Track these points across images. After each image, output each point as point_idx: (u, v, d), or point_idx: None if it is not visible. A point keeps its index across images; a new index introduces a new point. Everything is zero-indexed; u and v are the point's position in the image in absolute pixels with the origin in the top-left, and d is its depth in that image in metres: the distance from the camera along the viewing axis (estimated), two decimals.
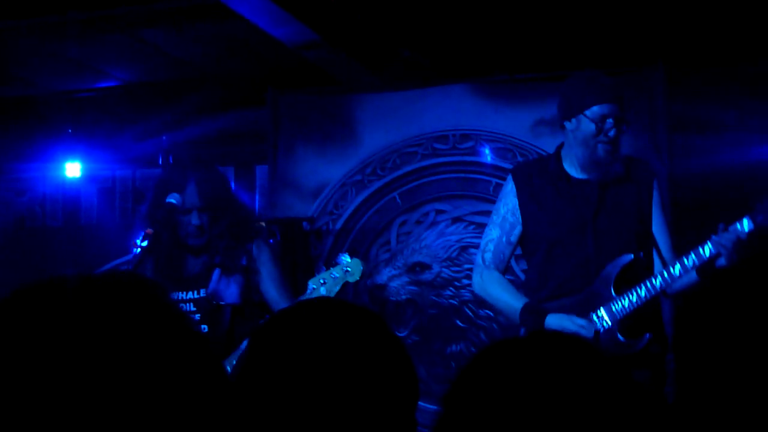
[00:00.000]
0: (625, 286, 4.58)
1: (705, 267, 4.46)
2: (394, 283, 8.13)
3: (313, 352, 2.08)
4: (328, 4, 7.40)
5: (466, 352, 7.94)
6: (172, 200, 5.43)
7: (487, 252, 4.94)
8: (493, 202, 8.03)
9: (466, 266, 8.00)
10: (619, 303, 4.55)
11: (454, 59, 8.44)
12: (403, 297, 8.10)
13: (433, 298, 8.07)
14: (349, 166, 8.42)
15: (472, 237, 8.05)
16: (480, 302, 7.88)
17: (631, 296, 4.54)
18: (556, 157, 4.86)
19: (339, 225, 8.38)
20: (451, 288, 8.05)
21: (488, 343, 7.82)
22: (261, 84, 8.83)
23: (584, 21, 7.68)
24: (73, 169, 9.74)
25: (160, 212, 5.37)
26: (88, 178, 9.89)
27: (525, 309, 4.68)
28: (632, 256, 4.60)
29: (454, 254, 8.07)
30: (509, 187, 4.92)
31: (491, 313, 7.92)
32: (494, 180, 8.05)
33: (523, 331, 4.78)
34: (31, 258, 9.81)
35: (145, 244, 5.29)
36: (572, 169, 4.79)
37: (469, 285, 7.90)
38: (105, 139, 9.63)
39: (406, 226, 8.28)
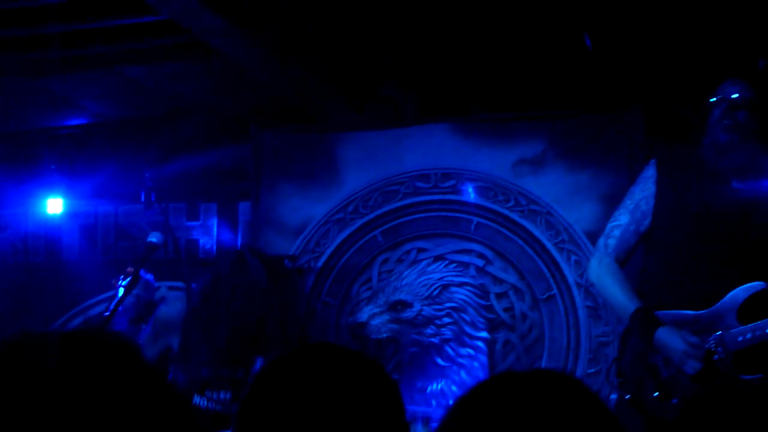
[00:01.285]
0: (752, 315, 4.17)
1: None
2: (375, 321, 8.11)
3: (311, 398, 2.09)
4: (313, 43, 7.43)
5: (447, 391, 7.92)
6: (153, 239, 5.44)
7: (611, 238, 4.60)
8: (475, 240, 8.16)
9: (447, 305, 8.01)
10: (740, 334, 4.15)
11: (436, 98, 8.48)
12: (384, 335, 8.08)
13: (414, 336, 8.05)
14: (331, 204, 8.43)
15: (453, 275, 8.06)
16: (460, 341, 7.88)
17: (755, 330, 4.14)
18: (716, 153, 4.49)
19: (320, 263, 8.38)
20: (432, 326, 8.04)
21: (475, 381, 7.84)
22: (244, 120, 8.84)
23: (565, 62, 7.72)
24: (55, 205, 9.71)
25: (141, 251, 5.36)
26: (70, 214, 9.85)
27: (637, 313, 4.34)
28: (765, 284, 4.18)
29: (435, 292, 8.06)
30: (650, 173, 4.57)
31: (472, 352, 7.92)
32: (475, 219, 8.08)
33: (621, 333, 4.46)
34: (12, 294, 9.77)
35: (125, 283, 5.29)
36: (729, 173, 4.42)
37: (450, 323, 7.94)
38: (87, 175, 9.61)
39: (388, 264, 8.28)
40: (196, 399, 5.12)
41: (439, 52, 7.78)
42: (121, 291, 6.15)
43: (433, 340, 8.04)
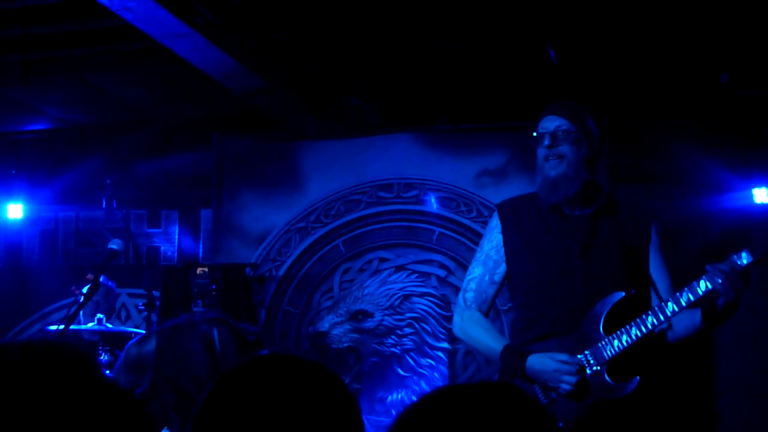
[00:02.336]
0: (616, 325, 4.22)
1: (709, 309, 4.18)
2: (336, 331, 8.11)
3: (267, 410, 2.07)
4: (276, 51, 7.42)
5: (408, 401, 7.91)
6: (114, 246, 5.41)
7: (468, 291, 4.61)
8: (437, 251, 8.17)
9: (409, 315, 8.02)
10: (609, 344, 4.23)
11: (400, 108, 8.49)
12: (345, 345, 8.08)
13: (375, 346, 8.06)
14: (293, 213, 8.42)
15: (414, 285, 8.07)
16: (421, 351, 7.89)
17: (620, 336, 4.22)
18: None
19: (282, 272, 8.37)
20: (393, 336, 8.04)
21: (426, 391, 7.85)
22: (206, 127, 8.82)
23: (529, 74, 7.75)
24: (15, 211, 9.64)
25: (101, 258, 5.32)
26: (31, 219, 9.79)
27: (505, 351, 4.36)
28: (623, 293, 4.25)
29: (397, 302, 8.07)
30: (494, 223, 4.60)
31: (433, 362, 7.93)
32: (438, 229, 8.10)
33: (497, 376, 4.55)
34: None
35: (85, 290, 5.26)
36: (563, 205, 4.43)
37: (411, 333, 7.94)
38: (48, 181, 9.55)
39: (349, 273, 8.28)
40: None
41: (404, 63, 7.79)
42: (81, 298, 6.12)
43: (394, 350, 8.04)
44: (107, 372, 5.46)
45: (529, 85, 7.92)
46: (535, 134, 4.40)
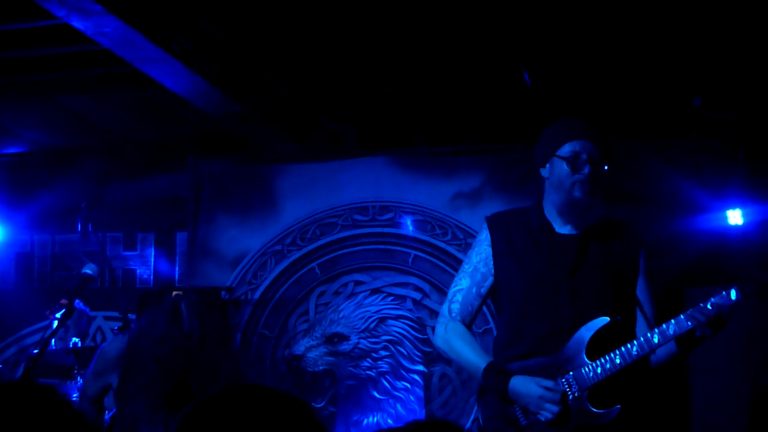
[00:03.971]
0: (599, 351, 4.23)
1: (688, 339, 4.19)
2: (312, 354, 8.09)
3: None
4: (252, 75, 7.44)
5: (383, 423, 7.91)
6: (88, 271, 5.40)
7: (454, 302, 4.56)
8: (412, 274, 8.18)
9: (384, 337, 8.02)
10: (591, 369, 4.22)
11: (375, 131, 8.51)
12: (321, 368, 8.07)
13: (351, 369, 8.05)
14: (269, 236, 8.42)
15: (390, 308, 8.07)
16: (397, 374, 7.90)
17: (604, 363, 4.21)
18: (538, 208, 4.51)
19: (257, 295, 8.36)
20: (368, 359, 8.03)
21: (411, 414, 7.85)
22: (182, 150, 8.81)
23: (504, 97, 7.78)
24: None
25: (75, 282, 5.32)
26: (6, 242, 9.75)
27: (488, 368, 4.34)
28: (608, 319, 4.24)
29: (372, 325, 8.07)
30: (483, 235, 4.56)
31: (408, 385, 7.93)
32: (413, 252, 8.12)
33: (477, 393, 4.52)
34: None
35: (59, 315, 5.25)
36: (554, 223, 4.45)
37: (387, 356, 7.94)
38: (24, 204, 9.52)
39: (325, 296, 8.28)
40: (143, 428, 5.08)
41: (379, 86, 7.81)
42: (55, 323, 6.10)
43: (369, 373, 8.03)
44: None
45: (504, 108, 7.96)
46: (564, 154, 4.37)
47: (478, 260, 4.57)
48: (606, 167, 4.36)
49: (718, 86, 7.62)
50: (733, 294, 4.12)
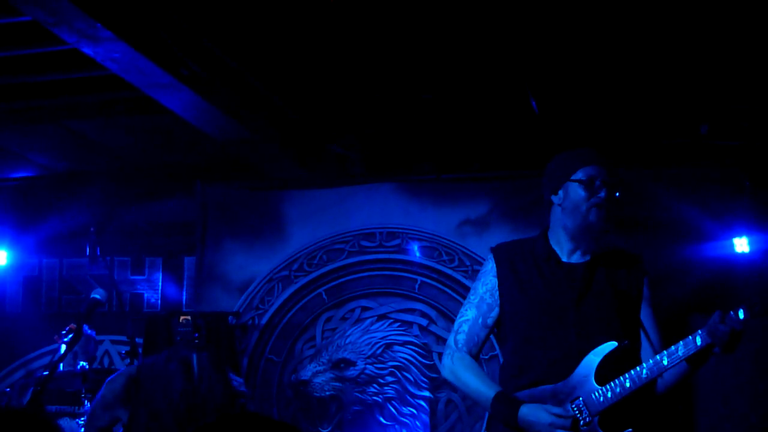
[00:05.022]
0: (608, 375, 4.22)
1: (698, 356, 4.16)
2: (319, 379, 8.09)
3: None
4: (259, 101, 7.46)
5: None
6: (97, 296, 5.41)
7: (460, 333, 4.55)
8: (418, 300, 8.17)
9: (391, 363, 8.02)
10: (601, 394, 4.20)
11: (382, 157, 8.52)
12: (327, 393, 8.06)
13: (357, 394, 8.04)
14: (276, 262, 8.43)
15: (397, 334, 8.07)
16: (403, 400, 7.89)
17: (614, 387, 4.20)
18: (543, 238, 4.49)
19: (264, 320, 8.36)
20: (375, 385, 8.03)
21: None
22: (190, 175, 8.83)
23: (510, 123, 7.79)
24: None
25: (84, 307, 5.33)
26: (14, 266, 9.76)
27: (497, 398, 4.32)
28: (616, 343, 4.24)
29: (379, 351, 8.07)
30: (489, 266, 4.54)
31: (414, 411, 7.92)
32: (420, 278, 8.12)
33: (486, 422, 4.52)
34: None
35: (68, 339, 5.27)
36: (561, 252, 4.44)
37: (393, 382, 7.93)
38: (32, 228, 9.53)
39: (332, 322, 8.28)
40: None
41: (387, 113, 7.83)
42: (63, 348, 6.11)
43: (376, 398, 8.02)
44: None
45: (511, 135, 7.97)
46: (579, 178, 4.38)
47: (484, 291, 4.56)
48: (618, 194, 4.35)
49: (724, 114, 7.62)
50: (741, 313, 4.11)
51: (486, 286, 4.55)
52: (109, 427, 5.28)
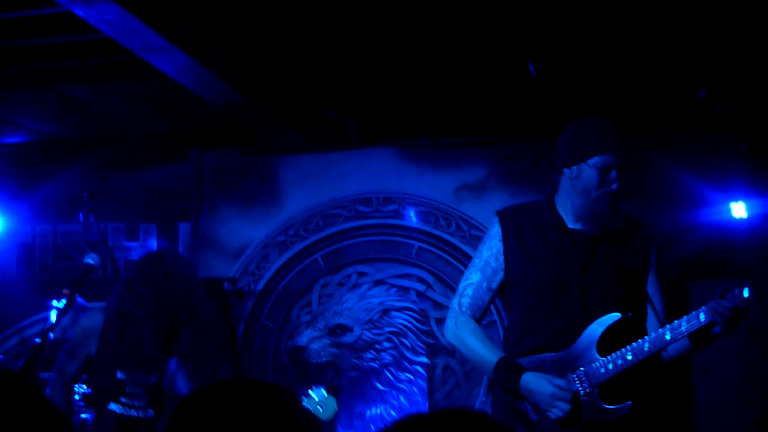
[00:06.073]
0: (611, 347, 4.24)
1: (701, 335, 4.21)
2: (315, 345, 8.08)
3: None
4: (255, 65, 7.41)
5: (386, 415, 7.91)
6: (90, 260, 5.37)
7: (464, 297, 4.58)
8: (416, 265, 8.15)
9: (387, 329, 8.01)
10: (603, 365, 4.23)
11: (379, 122, 8.48)
12: (324, 359, 8.05)
13: (354, 360, 8.04)
14: (271, 227, 8.40)
15: (393, 300, 8.06)
16: (400, 366, 7.88)
17: (616, 359, 4.22)
18: (550, 203, 4.53)
19: (260, 286, 8.34)
20: (371, 351, 8.02)
21: (414, 406, 7.84)
22: (185, 141, 8.78)
23: (508, 88, 7.75)
24: None
25: (77, 273, 5.29)
26: (8, 233, 9.70)
27: (500, 364, 4.36)
28: (620, 315, 4.27)
29: (376, 317, 8.05)
30: (495, 230, 4.57)
31: (411, 377, 7.92)
32: (417, 243, 8.10)
33: (484, 388, 4.53)
34: None
35: (62, 304, 5.22)
36: (567, 218, 4.47)
37: (390, 348, 7.93)
38: (25, 195, 9.48)
39: (328, 288, 8.26)
40: (112, 406, 5.05)
41: (383, 77, 7.78)
42: (55, 313, 6.07)
43: (372, 364, 8.02)
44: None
45: (509, 100, 7.93)
46: (595, 165, 4.34)
47: (489, 255, 4.58)
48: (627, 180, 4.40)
49: (723, 79, 7.59)
50: (746, 291, 4.14)
51: (491, 250, 4.56)
52: (79, 373, 5.24)
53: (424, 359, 7.95)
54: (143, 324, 5.10)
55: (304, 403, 4.68)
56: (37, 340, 5.03)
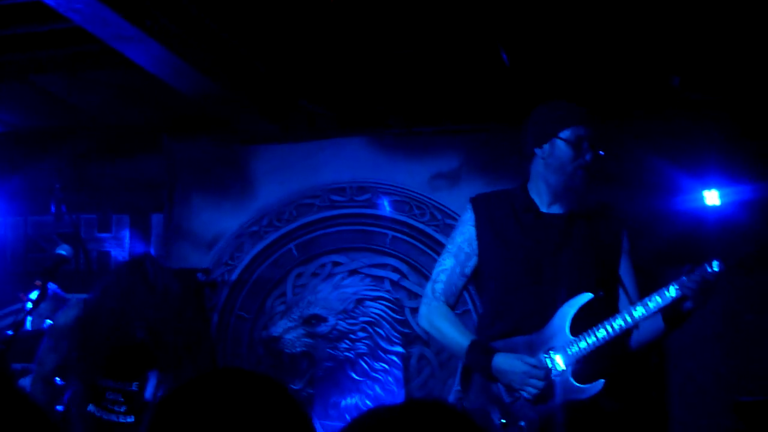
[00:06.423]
0: (583, 327, 4.26)
1: (673, 314, 4.26)
2: (290, 336, 8.06)
3: (216, 423, 2.03)
4: (228, 55, 7.37)
5: (361, 405, 7.90)
6: (62, 252, 5.33)
7: (438, 282, 4.60)
8: (390, 255, 8.14)
9: (362, 319, 8.00)
10: (575, 345, 4.25)
11: (353, 111, 8.46)
12: (299, 349, 8.04)
13: (329, 350, 8.03)
14: (245, 217, 8.39)
15: (368, 290, 8.05)
16: (375, 355, 7.88)
17: (588, 338, 4.24)
18: (523, 190, 4.57)
19: (234, 276, 8.32)
20: (346, 341, 8.01)
21: (389, 396, 7.84)
22: (157, 131, 8.75)
23: (482, 76, 7.74)
24: None
25: (49, 264, 5.25)
26: None
27: (472, 347, 4.39)
28: (591, 295, 4.30)
29: (350, 307, 8.04)
30: (468, 216, 4.60)
31: (386, 366, 7.91)
32: (391, 233, 8.09)
33: (460, 371, 4.54)
34: None
35: (34, 296, 5.18)
36: (540, 203, 4.50)
37: (365, 337, 7.92)
38: None
39: (303, 278, 8.25)
40: (90, 407, 5.01)
41: (356, 66, 7.76)
42: (29, 305, 6.03)
43: (347, 354, 8.01)
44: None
45: (482, 88, 7.92)
46: (567, 138, 4.38)
47: (462, 240, 4.61)
48: (602, 152, 4.43)
49: (696, 67, 7.60)
50: (715, 265, 4.15)
51: (464, 236, 4.59)
52: (57, 368, 5.20)
53: (399, 349, 7.95)
54: (114, 333, 5.04)
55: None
56: (10, 332, 4.99)
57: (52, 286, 6.79)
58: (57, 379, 5.41)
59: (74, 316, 5.16)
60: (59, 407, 5.45)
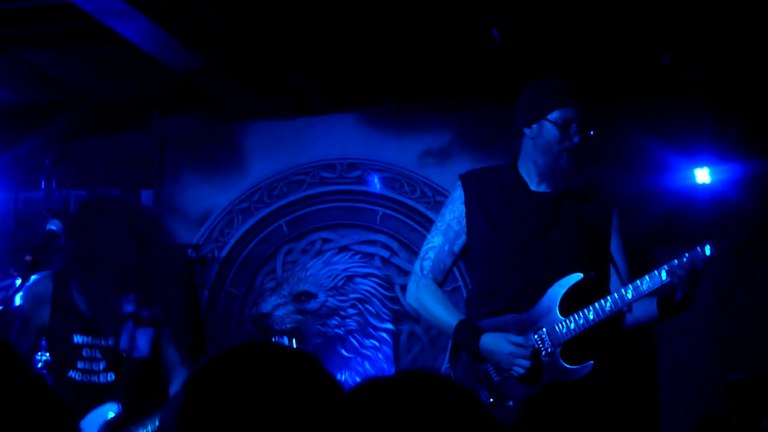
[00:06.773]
0: (573, 307, 4.24)
1: (666, 302, 4.24)
2: (279, 312, 8.07)
3: (250, 397, 2.02)
4: (218, 31, 7.35)
5: (351, 382, 7.90)
6: (52, 227, 5.31)
7: (426, 260, 4.58)
8: (380, 231, 8.14)
9: (352, 295, 8.00)
10: (564, 325, 4.22)
11: (343, 88, 8.45)
12: (288, 326, 8.04)
13: (319, 327, 8.03)
14: (235, 194, 8.36)
15: (358, 266, 8.05)
16: (365, 332, 7.88)
17: (577, 319, 4.22)
18: (513, 167, 4.52)
19: (224, 253, 8.31)
20: (336, 317, 8.02)
21: (379, 372, 7.86)
22: (147, 107, 8.72)
23: (473, 54, 7.73)
24: None
25: (40, 239, 5.22)
26: None
27: (460, 326, 4.36)
28: (582, 275, 4.27)
29: (340, 283, 8.05)
30: (457, 194, 4.57)
31: (376, 343, 7.92)
32: (381, 210, 8.08)
33: (449, 349, 4.54)
34: None
35: (24, 272, 5.16)
36: (530, 181, 4.47)
37: (355, 314, 7.92)
38: None
39: (292, 254, 8.24)
40: (71, 373, 4.99)
41: (346, 43, 7.74)
42: (18, 281, 6.01)
43: (337, 331, 8.02)
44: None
45: (473, 66, 7.91)
46: (555, 119, 4.35)
47: (452, 218, 4.58)
48: (591, 133, 4.39)
49: (687, 45, 7.60)
50: (707, 249, 4.13)
51: (453, 213, 4.56)
52: (35, 345, 5.17)
53: (389, 326, 7.96)
54: (94, 285, 5.02)
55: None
56: (0, 307, 4.97)
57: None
58: (38, 354, 5.39)
59: (47, 288, 5.12)
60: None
